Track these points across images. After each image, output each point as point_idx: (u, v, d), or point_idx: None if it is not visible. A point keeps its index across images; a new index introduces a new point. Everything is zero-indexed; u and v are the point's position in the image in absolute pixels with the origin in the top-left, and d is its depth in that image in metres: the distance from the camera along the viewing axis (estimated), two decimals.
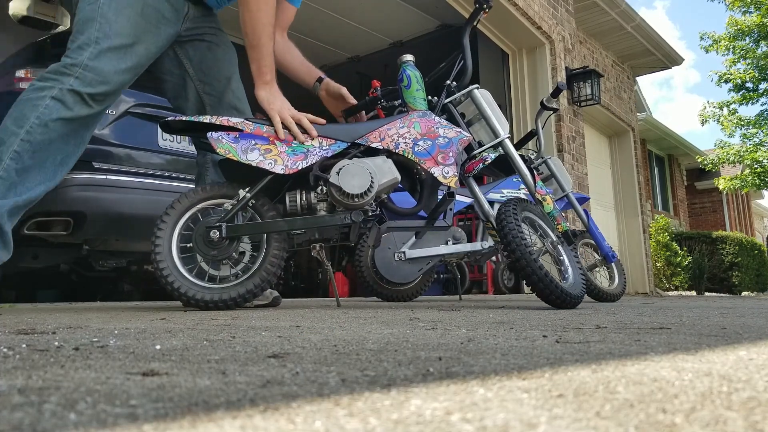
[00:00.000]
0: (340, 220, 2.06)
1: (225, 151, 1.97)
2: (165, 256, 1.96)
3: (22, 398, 0.48)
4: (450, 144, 2.16)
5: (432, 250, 3.14)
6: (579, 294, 2.15)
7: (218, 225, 1.99)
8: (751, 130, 11.96)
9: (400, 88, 2.34)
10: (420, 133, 2.18)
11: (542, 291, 2.05)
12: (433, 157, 2.13)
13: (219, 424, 0.40)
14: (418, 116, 2.23)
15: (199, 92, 2.27)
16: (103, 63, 1.93)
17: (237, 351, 0.81)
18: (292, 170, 2.01)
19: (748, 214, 17.41)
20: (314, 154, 2.06)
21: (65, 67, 1.91)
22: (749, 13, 11.48)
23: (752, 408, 0.46)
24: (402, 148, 2.14)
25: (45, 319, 1.51)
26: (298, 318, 1.57)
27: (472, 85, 2.43)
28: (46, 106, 1.86)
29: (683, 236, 10.55)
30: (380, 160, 2.12)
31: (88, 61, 1.91)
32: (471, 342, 0.94)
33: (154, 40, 2.05)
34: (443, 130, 2.20)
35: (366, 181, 2.03)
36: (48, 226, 2.97)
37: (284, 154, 2.03)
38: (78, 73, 1.90)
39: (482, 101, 2.40)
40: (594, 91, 6.88)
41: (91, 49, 1.93)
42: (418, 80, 2.33)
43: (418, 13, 7.03)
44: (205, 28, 2.27)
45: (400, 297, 3.36)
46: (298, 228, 2.08)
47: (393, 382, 0.57)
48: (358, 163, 2.04)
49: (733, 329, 1.22)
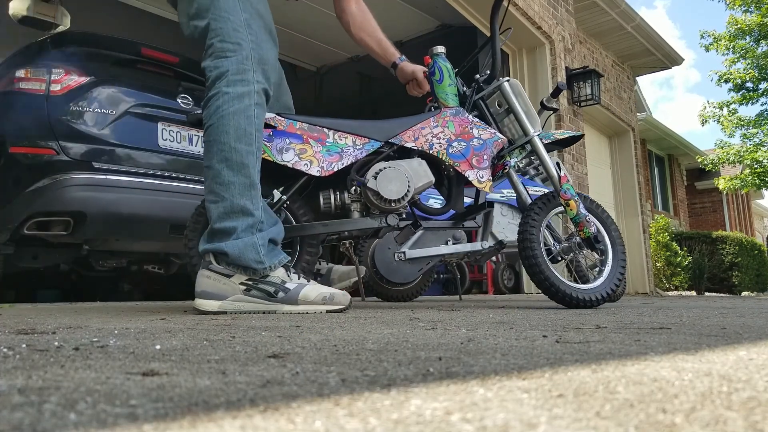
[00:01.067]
0: (376, 223, 2.06)
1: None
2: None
3: (22, 398, 0.48)
4: (484, 146, 2.13)
5: (432, 250, 3.14)
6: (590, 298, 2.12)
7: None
8: (751, 130, 11.96)
9: (431, 81, 2.26)
10: (454, 134, 2.14)
11: (547, 291, 2.10)
12: (467, 160, 2.11)
13: (219, 424, 0.41)
14: (451, 114, 2.19)
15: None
16: (264, 50, 1.82)
17: (237, 351, 0.81)
18: (328, 172, 1.99)
19: (748, 214, 17.41)
20: (349, 153, 2.03)
21: (243, 62, 1.77)
22: (749, 13, 11.48)
23: (752, 408, 0.46)
24: (436, 149, 2.11)
25: (45, 319, 1.51)
26: (298, 318, 1.57)
27: (502, 78, 2.31)
28: (257, 116, 1.79)
29: (683, 236, 10.55)
30: (416, 162, 2.10)
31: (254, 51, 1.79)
32: (471, 342, 0.94)
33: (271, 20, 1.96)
34: (477, 131, 2.16)
35: (404, 187, 2.02)
36: (48, 226, 2.97)
37: (319, 154, 2.00)
38: (255, 66, 1.79)
39: (512, 95, 2.29)
40: (594, 91, 6.88)
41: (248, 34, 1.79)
42: (450, 74, 2.25)
43: (418, 13, 7.03)
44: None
45: (400, 297, 3.36)
46: (335, 231, 2.07)
47: (393, 382, 0.57)
48: (396, 167, 2.03)
49: (733, 329, 1.22)
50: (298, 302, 1.78)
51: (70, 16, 4.82)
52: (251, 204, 1.75)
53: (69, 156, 2.95)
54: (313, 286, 1.81)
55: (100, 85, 3.14)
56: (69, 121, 3.00)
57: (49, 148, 2.93)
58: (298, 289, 1.78)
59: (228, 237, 1.74)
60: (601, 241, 2.20)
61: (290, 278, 1.80)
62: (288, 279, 1.79)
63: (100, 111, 3.10)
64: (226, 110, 1.75)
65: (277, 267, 1.78)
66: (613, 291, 2.19)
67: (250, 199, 1.75)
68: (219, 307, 1.76)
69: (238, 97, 1.76)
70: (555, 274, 2.14)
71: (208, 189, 1.78)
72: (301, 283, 1.80)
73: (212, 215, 1.76)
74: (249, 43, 1.79)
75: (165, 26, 6.42)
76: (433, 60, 2.27)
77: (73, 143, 2.98)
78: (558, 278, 2.13)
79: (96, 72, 3.16)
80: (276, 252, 1.81)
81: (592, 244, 2.18)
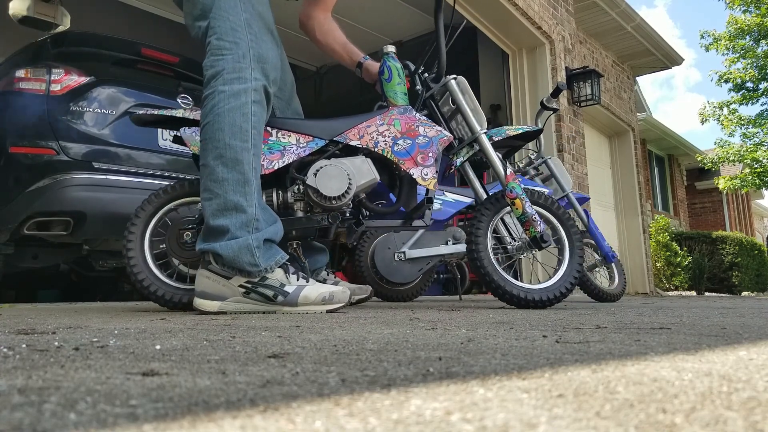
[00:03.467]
0: (318, 222, 2.03)
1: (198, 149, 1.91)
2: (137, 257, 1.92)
3: (22, 398, 0.48)
4: (430, 144, 2.11)
5: (432, 250, 3.14)
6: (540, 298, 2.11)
7: (191, 226, 1.95)
8: (752, 130, 11.96)
9: (381, 81, 2.26)
10: (400, 132, 2.12)
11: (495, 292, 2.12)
12: (412, 158, 2.08)
13: (219, 424, 0.41)
14: (398, 113, 2.17)
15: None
16: (263, 49, 1.82)
17: (237, 351, 0.81)
18: (268, 170, 1.97)
19: (748, 214, 17.41)
20: (291, 152, 2.02)
21: (239, 61, 1.77)
22: (749, 13, 11.48)
23: (752, 408, 0.46)
24: (381, 147, 2.09)
25: (45, 319, 1.51)
26: (298, 318, 1.57)
27: (449, 76, 2.31)
28: (255, 113, 1.78)
29: (683, 236, 10.55)
30: (359, 160, 2.07)
31: (252, 48, 1.79)
32: (471, 342, 0.94)
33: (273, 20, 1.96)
34: (423, 128, 2.14)
35: (344, 184, 1.99)
36: (48, 226, 2.97)
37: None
38: (253, 64, 1.78)
39: (459, 94, 2.30)
40: (594, 91, 6.88)
41: (247, 33, 1.79)
42: (399, 73, 2.24)
43: (418, 13, 7.03)
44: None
45: (400, 297, 3.36)
46: None
47: (393, 382, 0.57)
48: (336, 165, 2.00)
49: (733, 329, 1.22)
50: (297, 304, 1.77)
51: (70, 16, 4.82)
52: (245, 200, 1.74)
53: (69, 156, 2.95)
54: (313, 286, 1.80)
55: (100, 85, 3.14)
56: (69, 121, 3.00)
57: (49, 148, 2.93)
58: (297, 291, 1.77)
59: (223, 236, 1.73)
60: (547, 241, 2.16)
61: (289, 279, 1.79)
62: (286, 281, 1.78)
63: (100, 111, 3.10)
64: (222, 108, 1.75)
65: (274, 268, 1.77)
66: (564, 292, 2.15)
67: (244, 196, 1.74)
68: (219, 308, 1.76)
69: (234, 94, 1.75)
70: (501, 275, 2.12)
71: (204, 187, 1.78)
72: (300, 284, 1.79)
73: (206, 212, 1.76)
74: (247, 41, 1.79)
75: (165, 26, 6.42)
76: (383, 59, 2.27)
77: (73, 143, 2.98)
78: (504, 278, 2.11)
79: (96, 72, 3.16)
80: (273, 252, 1.79)
81: (538, 243, 2.17)
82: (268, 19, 1.89)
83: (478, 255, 2.12)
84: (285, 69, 2.27)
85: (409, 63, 2.39)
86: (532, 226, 2.16)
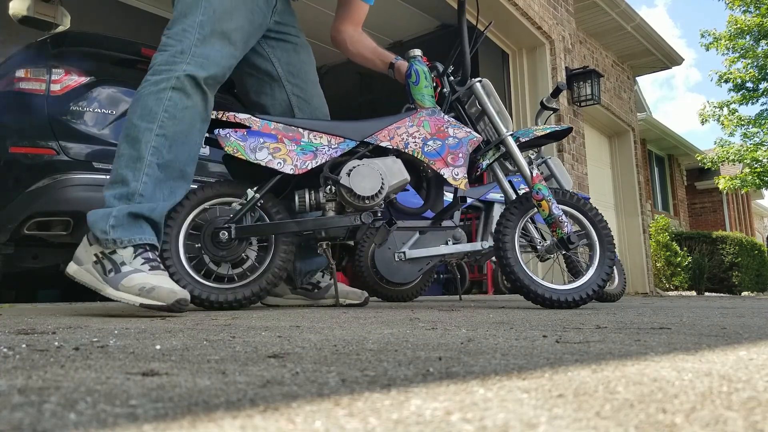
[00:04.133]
0: (350, 221, 2.05)
1: (233, 149, 1.95)
2: (172, 256, 1.93)
3: (22, 398, 0.48)
4: (460, 144, 2.13)
5: (432, 250, 3.14)
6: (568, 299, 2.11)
7: (227, 226, 1.97)
8: (752, 129, 11.96)
9: (408, 84, 2.28)
10: (429, 133, 2.15)
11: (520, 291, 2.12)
12: (443, 158, 2.11)
13: (219, 424, 0.40)
14: (427, 114, 2.20)
15: (288, 92, 2.27)
16: (208, 49, 1.88)
17: (237, 351, 0.81)
18: (302, 170, 1.99)
19: (748, 214, 17.41)
20: (323, 153, 2.05)
21: (174, 56, 1.85)
22: (749, 13, 11.48)
23: (752, 408, 0.46)
24: (411, 148, 2.11)
25: (45, 319, 1.51)
26: (298, 318, 1.57)
27: (474, 79, 2.34)
28: (170, 98, 1.82)
29: (683, 236, 10.55)
30: (390, 160, 2.10)
31: (195, 47, 1.86)
32: (471, 342, 0.94)
33: (248, 29, 2.01)
34: (453, 129, 2.17)
35: (377, 183, 2.01)
36: (48, 226, 2.97)
37: (293, 153, 2.01)
38: (188, 59, 1.85)
39: (484, 97, 2.32)
40: (594, 91, 6.88)
41: (196, 33, 1.88)
42: (426, 76, 2.27)
43: (418, 13, 7.03)
44: (290, 27, 2.27)
45: (400, 297, 3.36)
46: (309, 229, 2.07)
47: (393, 382, 0.57)
48: (369, 165, 2.03)
49: (733, 329, 1.22)
50: (118, 287, 1.64)
51: (70, 16, 4.82)
52: (131, 175, 1.75)
53: (69, 156, 2.95)
54: (144, 275, 1.64)
55: (100, 85, 3.14)
56: (69, 121, 3.00)
57: (49, 148, 2.93)
58: (126, 274, 1.65)
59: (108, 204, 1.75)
60: (574, 242, 2.16)
61: (134, 261, 1.68)
62: (130, 262, 1.68)
63: (100, 111, 3.10)
64: (141, 93, 1.84)
65: (126, 245, 1.69)
66: (591, 294, 2.16)
67: (132, 171, 1.76)
68: (73, 272, 1.73)
69: (155, 83, 1.83)
70: (529, 276, 2.12)
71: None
72: (138, 269, 1.66)
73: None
74: (191, 42, 1.86)
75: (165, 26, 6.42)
76: (409, 63, 2.30)
77: (73, 143, 2.98)
78: (532, 279, 2.11)
79: (96, 72, 3.15)
80: (136, 229, 1.72)
81: (565, 244, 2.17)
82: (229, 26, 1.93)
83: (505, 256, 2.12)
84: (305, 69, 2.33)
85: (437, 64, 2.41)
86: (559, 227, 2.17)
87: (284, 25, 2.25)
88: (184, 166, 1.87)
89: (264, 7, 2.09)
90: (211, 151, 3.43)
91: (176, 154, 1.83)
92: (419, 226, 2.31)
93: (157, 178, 1.79)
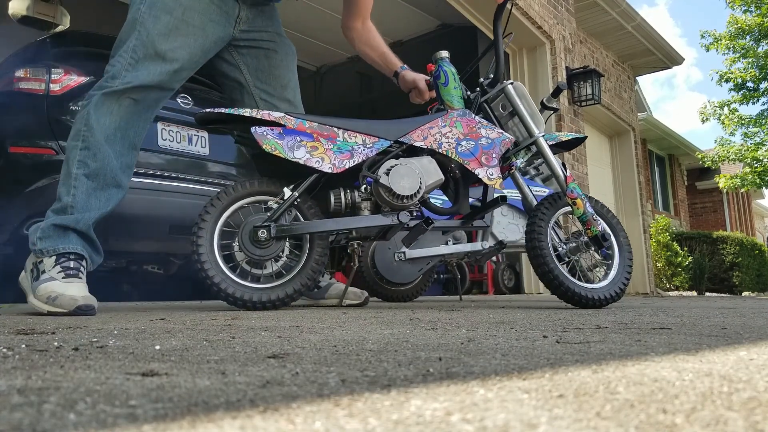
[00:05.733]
0: (389, 220, 2.06)
1: (271, 147, 1.94)
2: (208, 254, 1.91)
3: (22, 398, 0.48)
4: (493, 145, 2.15)
5: (432, 250, 3.14)
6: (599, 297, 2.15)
7: (267, 225, 1.96)
8: (752, 129, 11.95)
9: (437, 85, 2.29)
10: (462, 133, 2.16)
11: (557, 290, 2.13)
12: (477, 158, 2.11)
13: (219, 425, 0.40)
14: (458, 115, 2.21)
15: (256, 97, 2.30)
16: (139, 72, 1.96)
17: (237, 351, 0.81)
18: (340, 169, 1.99)
19: (748, 214, 17.41)
20: (359, 152, 2.05)
21: (106, 80, 1.95)
22: (750, 13, 11.48)
23: (753, 408, 0.46)
24: (445, 148, 2.12)
25: (45, 319, 1.51)
26: (297, 318, 1.57)
27: (506, 81, 2.34)
28: (88, 113, 1.91)
29: (684, 236, 10.54)
30: (426, 160, 2.11)
31: (126, 71, 1.95)
32: (471, 342, 0.94)
33: (198, 43, 2.06)
34: (485, 130, 2.18)
35: (416, 183, 2.02)
36: None
37: (330, 152, 2.01)
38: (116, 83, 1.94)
39: (516, 98, 2.32)
40: (594, 91, 6.88)
41: (128, 58, 1.96)
42: (455, 77, 2.28)
43: (418, 12, 7.03)
44: (263, 33, 2.29)
45: (401, 297, 3.36)
46: (347, 228, 2.07)
47: (393, 383, 0.57)
48: (407, 164, 2.04)
49: (733, 329, 1.22)
50: (35, 294, 1.75)
51: (69, 16, 4.82)
52: (65, 190, 1.89)
53: None
54: (55, 283, 1.73)
55: None
56: (68, 121, 3.00)
57: (48, 148, 2.93)
58: (42, 281, 1.75)
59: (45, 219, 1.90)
60: (608, 240, 2.20)
61: (52, 270, 1.78)
62: (48, 269, 1.78)
63: None
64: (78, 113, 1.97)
65: (51, 254, 1.81)
66: (619, 293, 2.22)
67: (66, 187, 1.89)
68: (20, 279, 1.92)
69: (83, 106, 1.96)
70: (564, 274, 2.15)
71: None
72: (53, 277, 1.76)
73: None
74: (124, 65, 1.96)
75: None
76: (438, 64, 2.30)
77: None
78: (568, 278, 2.14)
79: (96, 72, 3.14)
80: (59, 240, 1.83)
81: (599, 242, 2.19)
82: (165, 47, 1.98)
83: (542, 254, 2.12)
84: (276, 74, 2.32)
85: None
86: (594, 225, 2.19)
87: (255, 32, 2.26)
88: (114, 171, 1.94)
89: (221, 20, 2.11)
90: (211, 151, 3.43)
91: (103, 161, 1.91)
92: (452, 226, 2.33)
93: (88, 187, 1.90)
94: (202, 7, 2.04)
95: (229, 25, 2.15)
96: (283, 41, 2.34)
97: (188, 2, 2.01)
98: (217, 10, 2.09)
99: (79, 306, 1.66)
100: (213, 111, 2.02)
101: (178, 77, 2.04)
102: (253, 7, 2.21)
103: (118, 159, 1.95)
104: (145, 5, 1.98)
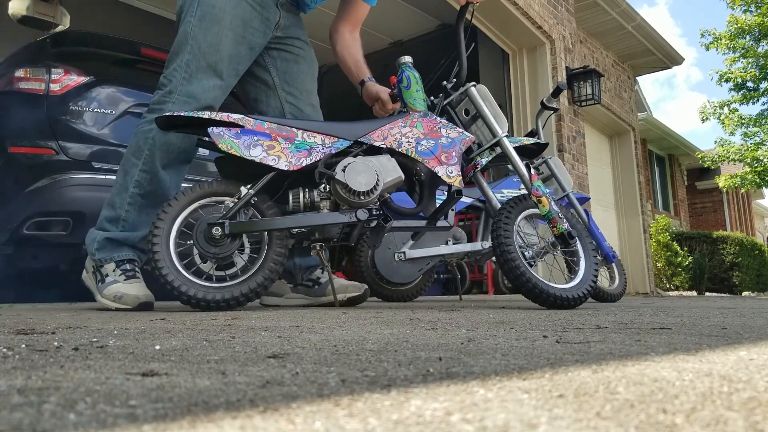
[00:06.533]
0: (346, 218, 2.05)
1: (227, 146, 1.94)
2: (163, 255, 1.92)
3: (22, 398, 0.48)
4: (453, 144, 2.16)
5: (432, 250, 3.14)
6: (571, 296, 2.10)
7: (221, 222, 1.96)
8: (752, 129, 11.95)
9: (400, 89, 2.33)
10: (422, 133, 2.17)
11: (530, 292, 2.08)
12: (436, 157, 2.12)
13: (219, 425, 0.40)
14: (419, 116, 2.23)
15: (282, 100, 2.39)
16: (194, 86, 2.10)
17: (237, 351, 0.81)
18: (296, 167, 1.99)
19: (748, 214, 17.41)
20: (317, 151, 2.05)
21: (164, 95, 2.11)
22: (750, 12, 11.48)
23: (753, 408, 0.46)
24: (405, 148, 2.13)
25: (45, 319, 1.51)
26: (297, 318, 1.57)
27: (468, 83, 2.38)
28: (153, 138, 2.09)
29: (684, 236, 10.55)
30: (384, 158, 2.11)
31: (181, 86, 2.10)
32: (471, 342, 0.94)
33: (242, 52, 2.18)
34: (445, 130, 2.19)
35: (372, 179, 2.01)
36: (48, 226, 2.97)
37: (287, 150, 2.02)
38: (174, 98, 2.09)
39: (479, 99, 2.35)
40: (594, 91, 6.88)
41: (183, 73, 2.10)
42: (417, 81, 2.32)
43: (418, 12, 7.03)
44: (294, 40, 2.40)
45: (400, 297, 3.36)
46: (303, 225, 2.06)
47: (393, 383, 0.57)
48: (364, 161, 2.03)
49: (733, 329, 1.22)
50: (103, 294, 2.05)
51: (69, 16, 4.82)
52: (119, 201, 2.11)
53: (68, 156, 2.95)
54: (118, 285, 2.03)
55: (100, 85, 3.13)
56: (68, 121, 3.00)
57: (48, 148, 2.93)
58: (108, 284, 2.05)
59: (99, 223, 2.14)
60: (574, 237, 2.17)
61: (113, 273, 2.07)
62: (111, 273, 2.07)
63: (99, 111, 3.10)
64: (137, 129, 2.15)
65: (109, 262, 2.09)
66: (586, 293, 2.15)
67: (120, 198, 2.11)
68: (83, 278, 2.18)
69: (148, 121, 2.12)
70: (535, 275, 2.11)
71: None
72: (116, 279, 2.05)
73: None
74: (179, 80, 2.11)
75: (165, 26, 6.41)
76: (401, 69, 2.35)
77: (72, 143, 2.98)
78: (540, 279, 2.10)
79: (96, 72, 3.15)
80: (114, 251, 2.10)
81: (565, 239, 2.17)
82: (215, 58, 2.13)
83: (510, 256, 2.09)
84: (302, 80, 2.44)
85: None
86: (559, 222, 2.18)
87: (289, 38, 2.38)
88: (167, 191, 2.15)
89: (262, 27, 2.23)
90: (211, 152, 3.43)
91: (157, 185, 2.12)
92: (414, 226, 2.31)
93: (141, 205, 2.11)
94: (246, 14, 2.16)
95: (267, 33, 2.27)
96: (309, 51, 2.46)
97: (234, 10, 2.13)
98: (258, 17, 2.20)
99: (140, 302, 2.00)
100: (173, 114, 2.02)
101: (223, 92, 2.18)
102: (290, 15, 2.34)
103: (172, 180, 2.16)
104: (195, 18, 2.10)
